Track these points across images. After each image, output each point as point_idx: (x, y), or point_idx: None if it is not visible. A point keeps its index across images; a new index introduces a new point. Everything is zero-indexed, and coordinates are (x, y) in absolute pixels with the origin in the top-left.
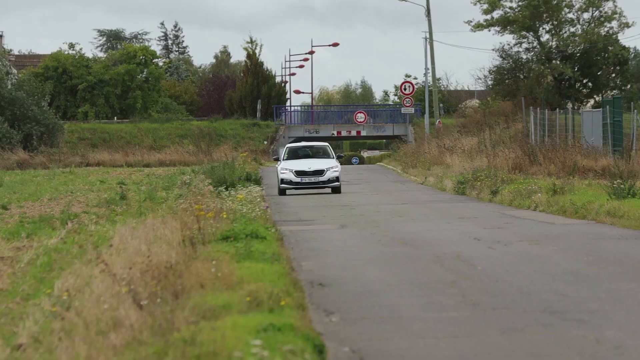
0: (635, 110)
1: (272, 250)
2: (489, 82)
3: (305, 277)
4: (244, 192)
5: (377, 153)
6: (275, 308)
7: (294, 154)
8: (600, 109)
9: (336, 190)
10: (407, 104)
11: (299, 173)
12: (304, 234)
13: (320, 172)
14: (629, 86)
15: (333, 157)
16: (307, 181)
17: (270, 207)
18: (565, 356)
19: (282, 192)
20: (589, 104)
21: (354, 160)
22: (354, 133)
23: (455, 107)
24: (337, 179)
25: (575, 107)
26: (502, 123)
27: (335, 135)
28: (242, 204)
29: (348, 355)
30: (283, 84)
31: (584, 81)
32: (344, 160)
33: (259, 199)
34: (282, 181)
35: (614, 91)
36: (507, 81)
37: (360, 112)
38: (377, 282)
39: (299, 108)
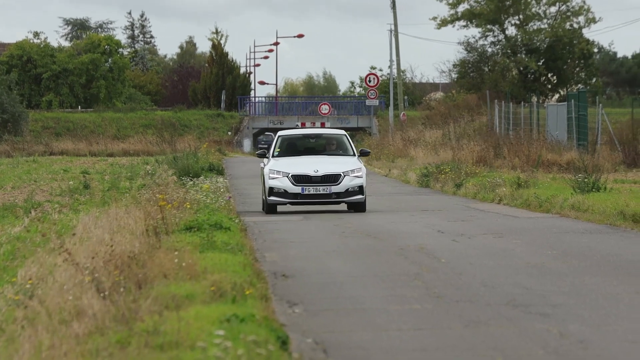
0: (600, 104)
1: (236, 241)
2: (454, 75)
3: (269, 268)
4: (208, 183)
5: None
6: (239, 299)
7: (290, 148)
8: (565, 103)
9: (359, 207)
10: (372, 96)
11: (299, 179)
12: (267, 225)
13: (333, 179)
14: (593, 80)
15: (353, 154)
16: (312, 193)
17: (233, 197)
18: (528, 350)
19: (271, 208)
20: (554, 98)
21: None
22: (318, 125)
23: (420, 99)
24: (360, 189)
25: (540, 101)
26: (467, 116)
27: (300, 126)
28: (206, 195)
29: (311, 346)
30: (247, 75)
31: (549, 75)
32: None
33: (222, 190)
34: (272, 191)
35: (579, 85)
36: (472, 74)
37: (324, 104)
38: (340, 274)
39: (263, 99)
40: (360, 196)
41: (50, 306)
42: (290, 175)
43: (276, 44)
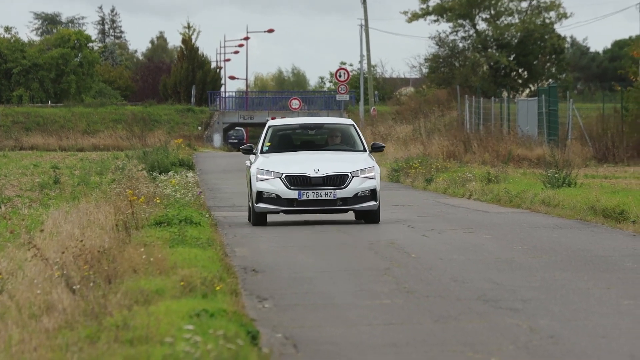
0: (571, 100)
1: (206, 236)
2: (425, 70)
3: (239, 262)
4: (178, 178)
5: None
6: (209, 294)
7: (283, 142)
8: (536, 98)
9: (370, 217)
10: (342, 91)
11: (295, 182)
12: (237, 220)
13: (338, 181)
14: (564, 75)
15: (364, 149)
16: (311, 199)
17: (204, 192)
18: (498, 345)
19: (259, 218)
20: (524, 93)
21: None
22: None
23: (390, 94)
24: (372, 194)
25: (511, 96)
26: (437, 111)
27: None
28: (176, 189)
29: (281, 341)
30: (218, 70)
31: (520, 70)
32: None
33: (192, 184)
34: (261, 197)
35: (550, 80)
36: (442, 69)
37: (294, 99)
38: (310, 269)
39: (233, 94)
40: (372, 202)
41: (20, 301)
42: (283, 176)
43: (246, 38)
